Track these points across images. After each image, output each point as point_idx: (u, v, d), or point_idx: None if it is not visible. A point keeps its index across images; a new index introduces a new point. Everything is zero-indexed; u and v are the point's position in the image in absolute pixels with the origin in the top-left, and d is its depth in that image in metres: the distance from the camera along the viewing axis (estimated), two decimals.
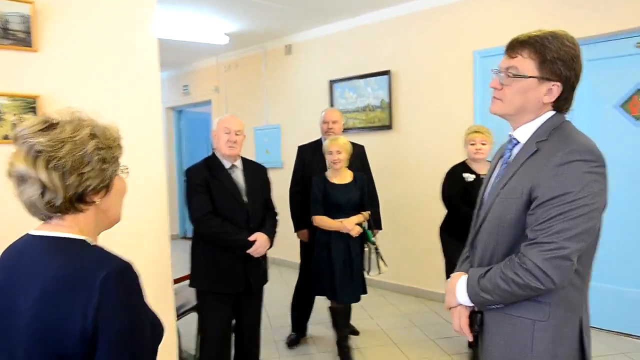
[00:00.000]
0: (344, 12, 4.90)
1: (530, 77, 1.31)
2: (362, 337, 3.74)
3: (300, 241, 3.72)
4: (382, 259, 3.30)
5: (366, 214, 3.30)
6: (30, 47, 1.97)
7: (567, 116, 1.39)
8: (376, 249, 3.30)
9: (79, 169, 0.97)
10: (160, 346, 2.51)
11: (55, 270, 0.95)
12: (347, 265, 3.16)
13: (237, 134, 2.63)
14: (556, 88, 1.31)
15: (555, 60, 1.28)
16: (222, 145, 2.64)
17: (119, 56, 2.28)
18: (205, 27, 5.34)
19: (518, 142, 1.40)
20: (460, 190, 3.14)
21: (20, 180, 0.97)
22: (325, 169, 3.38)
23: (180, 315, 3.08)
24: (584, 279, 1.32)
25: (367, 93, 5.04)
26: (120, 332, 0.92)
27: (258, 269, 2.71)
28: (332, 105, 5.37)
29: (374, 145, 4.91)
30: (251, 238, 2.57)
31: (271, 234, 2.71)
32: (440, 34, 4.41)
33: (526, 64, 1.31)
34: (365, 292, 3.30)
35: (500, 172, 1.44)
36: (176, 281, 3.22)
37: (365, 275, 3.30)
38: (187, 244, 2.92)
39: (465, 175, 3.17)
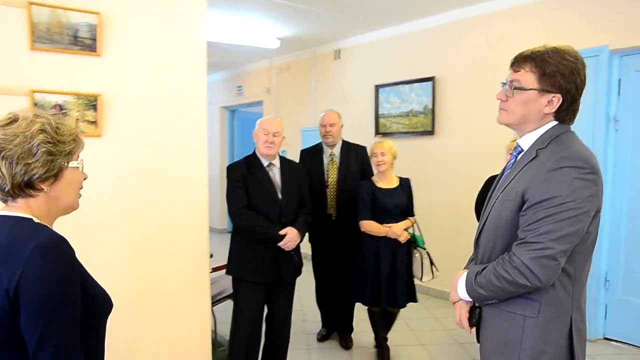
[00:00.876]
0: (392, 19, 5.01)
1: (530, 89, 1.40)
2: (394, 337, 3.83)
3: (311, 247, 3.76)
4: (433, 265, 3.27)
5: (413, 219, 3.29)
6: (95, 52, 2.23)
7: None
8: (427, 254, 3.27)
9: (25, 159, 1.09)
10: (196, 328, 2.73)
11: None
12: (392, 271, 3.18)
13: (274, 135, 2.81)
14: (556, 99, 1.39)
15: (555, 73, 1.37)
16: (260, 145, 2.83)
17: (170, 58, 2.49)
18: (259, 31, 5.60)
19: (522, 150, 1.49)
20: None
21: None
22: (324, 174, 3.51)
23: (217, 301, 3.31)
24: (576, 282, 1.39)
25: (411, 98, 5.12)
26: (38, 299, 1.01)
27: (289, 262, 2.87)
28: (377, 110, 5.49)
29: (415, 150, 5.00)
30: (282, 232, 2.75)
31: (302, 229, 2.87)
32: (484, 41, 4.44)
33: (527, 77, 1.41)
34: (414, 300, 3.28)
35: (504, 177, 1.53)
36: (216, 269, 3.46)
37: (417, 282, 3.27)
38: None
39: None
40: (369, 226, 3.22)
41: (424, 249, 3.27)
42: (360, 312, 3.64)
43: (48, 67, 2.14)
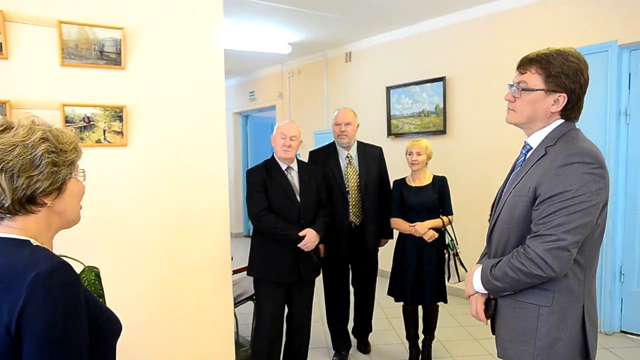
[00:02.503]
0: (401, 20, 5.09)
1: (537, 89, 1.48)
2: None
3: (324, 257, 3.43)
4: (462, 266, 3.18)
5: (446, 218, 3.22)
6: (120, 65, 2.35)
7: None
8: (455, 255, 3.18)
9: (28, 171, 0.98)
10: (218, 328, 2.83)
11: None
12: (419, 269, 3.18)
13: (292, 139, 2.91)
14: (562, 99, 1.47)
15: (559, 74, 1.45)
16: (278, 149, 2.93)
17: (189, 67, 2.59)
18: (270, 37, 5.71)
19: (531, 148, 1.57)
20: None
21: None
22: (342, 178, 3.31)
23: (238, 302, 3.40)
24: (587, 271, 1.46)
25: (422, 99, 5.19)
26: (42, 335, 0.90)
27: (309, 262, 2.96)
28: (388, 111, 5.56)
29: None
30: (301, 233, 2.84)
31: (321, 230, 2.95)
32: (494, 40, 4.49)
33: (534, 78, 1.49)
34: (443, 300, 3.23)
35: (514, 174, 1.60)
36: (236, 271, 3.56)
37: (447, 283, 3.20)
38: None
39: None
40: (396, 224, 3.28)
41: (452, 249, 3.19)
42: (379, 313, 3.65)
43: (77, 82, 2.25)
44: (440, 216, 3.22)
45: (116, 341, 1.13)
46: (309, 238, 2.85)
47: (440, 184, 3.25)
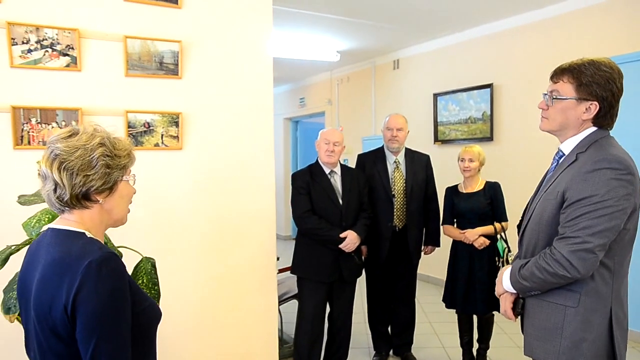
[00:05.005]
0: (448, 28, 5.12)
1: (569, 98, 1.53)
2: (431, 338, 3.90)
3: (367, 260, 3.48)
4: None
5: (499, 225, 3.13)
6: (177, 75, 2.56)
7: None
8: (506, 262, 3.02)
9: (85, 170, 1.13)
10: (262, 324, 2.97)
11: (52, 257, 1.11)
12: (470, 277, 3.15)
13: (335, 145, 3.03)
14: (594, 107, 1.51)
15: (591, 83, 1.50)
16: (322, 154, 3.06)
17: (240, 76, 2.76)
18: (320, 46, 5.88)
19: (564, 154, 1.61)
20: None
21: (43, 177, 1.15)
22: (389, 182, 3.33)
23: (283, 300, 3.55)
24: (616, 275, 1.49)
25: (469, 106, 5.18)
26: (93, 313, 1.05)
27: (350, 263, 3.07)
28: (435, 118, 5.58)
29: None
30: (342, 235, 2.95)
31: (361, 232, 3.05)
32: (541, 47, 4.45)
33: (566, 87, 1.55)
34: (496, 309, 2.93)
35: (547, 179, 1.66)
36: (282, 270, 3.72)
37: None
38: None
39: None
40: (447, 231, 3.29)
41: (502, 257, 3.06)
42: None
43: (139, 91, 2.48)
44: (494, 223, 3.14)
45: (155, 328, 1.26)
46: (350, 239, 2.95)
47: (492, 190, 3.18)
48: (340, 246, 2.95)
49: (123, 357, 1.09)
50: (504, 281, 1.66)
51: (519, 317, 1.68)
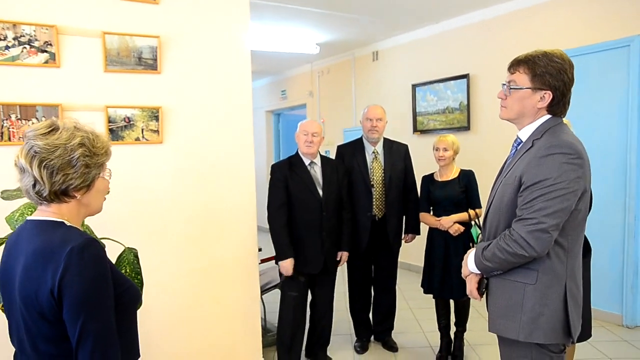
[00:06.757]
0: (426, 19, 5.21)
1: (524, 88, 1.63)
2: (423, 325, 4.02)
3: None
4: None
5: (472, 212, 3.19)
6: (156, 70, 2.60)
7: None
8: None
9: (65, 170, 1.17)
10: (245, 314, 3.04)
11: (35, 246, 1.17)
12: (446, 263, 3.22)
13: (313, 136, 3.09)
14: (547, 95, 1.62)
15: (544, 73, 1.60)
16: (301, 145, 3.13)
17: (218, 69, 2.81)
18: (299, 38, 5.92)
19: (521, 141, 1.71)
20: None
21: (21, 170, 1.19)
22: (368, 172, 3.42)
23: (265, 290, 3.62)
24: (570, 253, 1.60)
25: (446, 96, 5.29)
26: (78, 295, 1.11)
27: (334, 255, 3.21)
28: (414, 108, 5.68)
29: None
30: (338, 257, 3.25)
31: (348, 246, 3.28)
32: (517, 38, 4.55)
33: (522, 78, 1.65)
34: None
35: (506, 165, 1.76)
36: (264, 260, 3.79)
37: None
38: None
39: None
40: (424, 218, 3.38)
41: (475, 243, 3.07)
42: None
43: (118, 86, 2.52)
44: (468, 210, 3.22)
45: (135, 309, 1.34)
46: (343, 261, 3.27)
47: (466, 178, 3.26)
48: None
49: (109, 334, 1.16)
50: (469, 263, 1.75)
51: (484, 296, 1.78)
